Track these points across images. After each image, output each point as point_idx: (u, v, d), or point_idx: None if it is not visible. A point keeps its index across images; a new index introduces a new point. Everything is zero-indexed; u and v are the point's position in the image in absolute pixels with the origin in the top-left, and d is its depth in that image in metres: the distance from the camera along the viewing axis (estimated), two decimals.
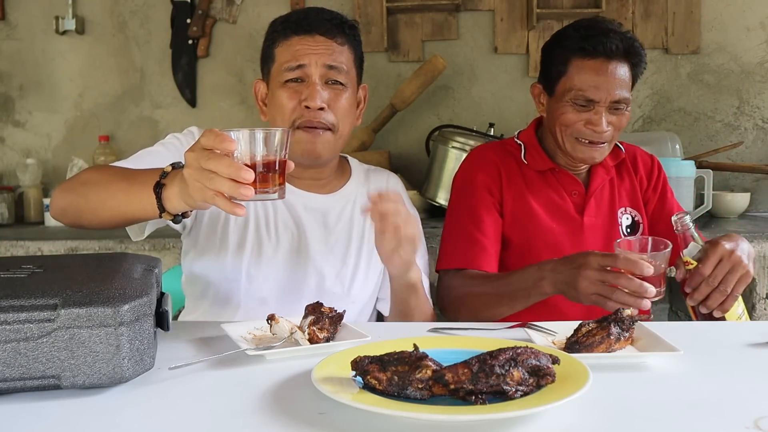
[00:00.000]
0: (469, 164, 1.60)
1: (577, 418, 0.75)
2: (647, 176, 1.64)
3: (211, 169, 0.88)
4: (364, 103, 1.48)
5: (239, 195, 0.88)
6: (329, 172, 1.45)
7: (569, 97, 1.45)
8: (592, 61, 1.43)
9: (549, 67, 1.51)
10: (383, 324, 1.26)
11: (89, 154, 2.82)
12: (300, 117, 1.33)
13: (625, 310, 1.00)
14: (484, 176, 1.55)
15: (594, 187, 1.57)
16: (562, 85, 1.47)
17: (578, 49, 1.44)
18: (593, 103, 1.44)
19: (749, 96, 2.72)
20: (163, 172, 1.01)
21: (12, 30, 2.90)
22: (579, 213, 1.55)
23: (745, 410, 0.77)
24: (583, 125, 1.45)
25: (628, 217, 1.59)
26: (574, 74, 1.45)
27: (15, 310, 0.81)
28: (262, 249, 1.36)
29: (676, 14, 2.70)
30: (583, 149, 1.48)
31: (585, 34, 1.44)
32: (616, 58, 1.43)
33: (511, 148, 1.61)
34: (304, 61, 1.33)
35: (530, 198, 1.55)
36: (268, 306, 1.34)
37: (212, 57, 2.85)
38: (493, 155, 1.59)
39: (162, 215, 1.02)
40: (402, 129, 2.79)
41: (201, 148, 0.90)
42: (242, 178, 0.87)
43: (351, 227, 1.43)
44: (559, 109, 1.48)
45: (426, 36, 2.78)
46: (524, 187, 1.56)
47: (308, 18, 1.37)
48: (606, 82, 1.43)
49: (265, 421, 0.76)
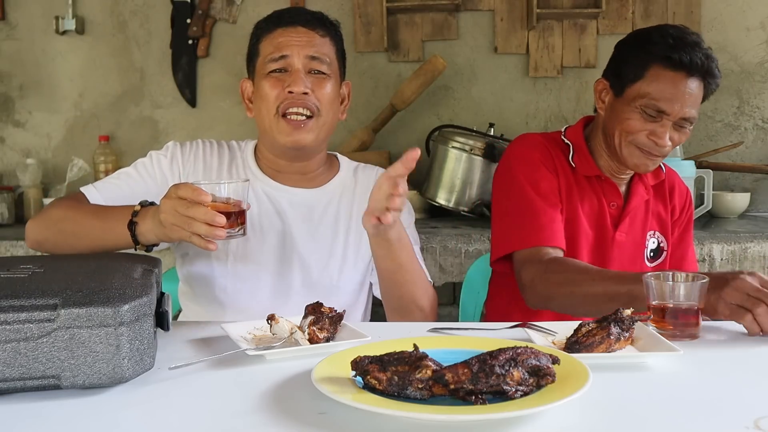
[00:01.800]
0: (524, 146, 1.52)
1: (577, 418, 0.75)
2: (680, 208, 1.60)
3: (189, 216, 1.07)
4: (348, 100, 1.50)
5: (214, 236, 1.08)
6: (316, 165, 1.46)
7: (640, 104, 1.40)
8: (672, 73, 1.38)
9: (624, 67, 1.45)
10: (383, 324, 1.26)
11: (89, 154, 2.81)
12: (284, 102, 1.35)
13: (625, 310, 1.00)
14: (544, 158, 1.49)
15: (633, 204, 1.53)
16: (635, 89, 1.41)
17: (663, 57, 1.38)
18: (663, 115, 1.39)
19: (749, 96, 2.72)
20: (134, 211, 1.19)
21: (12, 30, 2.90)
22: (613, 226, 1.52)
23: (745, 410, 0.77)
24: (646, 135, 1.41)
25: (654, 241, 1.55)
26: (652, 81, 1.39)
27: (15, 310, 0.81)
28: (248, 246, 1.38)
29: (676, 14, 2.70)
30: (639, 156, 1.44)
31: (673, 43, 1.39)
32: (696, 74, 1.39)
33: (558, 145, 1.54)
34: (286, 51, 1.36)
35: (576, 198, 1.50)
36: (257, 302, 1.36)
37: (212, 57, 2.85)
38: (545, 143, 1.52)
39: (136, 248, 1.21)
40: (402, 129, 2.79)
41: (177, 197, 1.08)
42: (216, 223, 1.07)
43: (337, 220, 1.44)
44: (626, 113, 1.42)
45: (426, 36, 2.78)
46: (573, 184, 1.51)
47: (290, 12, 1.42)
48: (681, 96, 1.38)
49: (265, 421, 0.76)
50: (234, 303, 1.38)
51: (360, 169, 1.53)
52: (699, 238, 2.00)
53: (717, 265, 2.02)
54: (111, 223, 1.21)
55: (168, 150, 1.43)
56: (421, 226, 1.59)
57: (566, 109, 2.77)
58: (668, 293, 1.09)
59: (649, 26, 1.50)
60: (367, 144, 2.64)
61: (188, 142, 1.45)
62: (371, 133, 2.64)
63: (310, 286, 1.39)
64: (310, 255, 1.40)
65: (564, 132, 1.57)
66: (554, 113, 2.77)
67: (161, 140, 2.88)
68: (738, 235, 2.09)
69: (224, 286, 1.38)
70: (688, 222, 1.62)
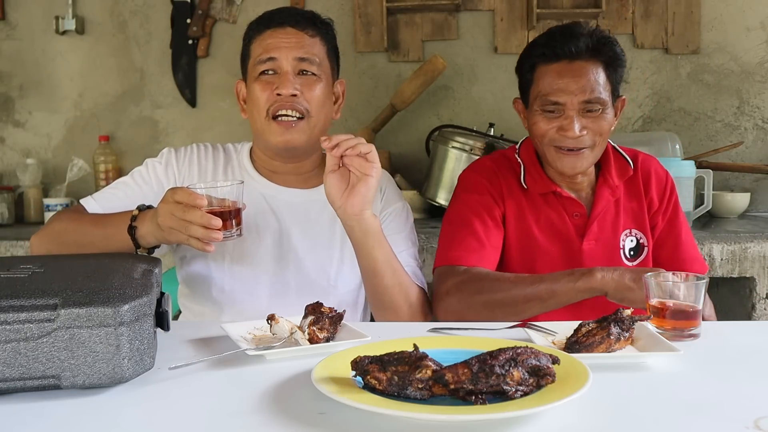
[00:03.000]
0: (473, 172, 1.55)
1: (577, 418, 0.75)
2: (659, 197, 1.55)
3: (186, 220, 1.10)
4: (342, 98, 1.49)
5: (210, 239, 1.11)
6: (310, 166, 1.46)
7: (538, 105, 1.42)
8: (554, 65, 1.40)
9: (521, 80, 1.50)
10: (383, 324, 1.26)
11: (89, 154, 2.82)
12: (273, 104, 1.35)
13: (625, 310, 1.00)
14: (488, 185, 1.51)
15: (597, 211, 1.50)
16: (532, 95, 1.45)
17: (540, 55, 1.42)
18: (560, 106, 1.40)
19: (749, 96, 2.72)
20: (133, 216, 1.22)
21: (12, 30, 2.90)
22: (579, 236, 1.49)
23: (745, 410, 0.77)
24: (555, 132, 1.41)
25: (632, 240, 1.53)
26: (539, 80, 1.42)
27: (15, 310, 0.81)
28: (244, 246, 1.38)
29: (676, 14, 2.70)
30: (563, 159, 1.43)
31: (546, 40, 1.42)
32: (582, 58, 1.39)
33: (512, 164, 1.55)
34: (275, 54, 1.36)
35: (530, 218, 1.50)
36: (254, 302, 1.37)
37: (212, 57, 2.85)
38: (495, 168, 1.54)
39: (138, 251, 1.23)
40: (402, 129, 2.79)
41: (174, 202, 1.11)
42: (212, 226, 1.10)
43: (334, 219, 1.43)
44: (533, 119, 1.45)
45: (426, 36, 2.78)
46: (525, 205, 1.50)
47: (280, 13, 1.42)
48: (571, 83, 1.38)
49: (265, 421, 0.76)
50: (231, 304, 1.39)
51: None
52: (699, 238, 2.00)
53: (717, 265, 2.02)
54: (111, 229, 1.25)
55: (163, 157, 1.44)
56: (421, 226, 1.59)
57: None
58: (668, 293, 1.09)
59: None
60: None
61: (183, 148, 1.46)
62: (371, 133, 2.64)
63: (307, 286, 1.39)
64: (307, 255, 1.40)
65: (518, 149, 1.57)
66: None
67: (161, 140, 2.88)
68: (738, 235, 2.09)
69: (221, 287, 1.39)
70: (674, 209, 1.56)
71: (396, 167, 2.67)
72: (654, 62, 2.73)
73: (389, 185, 1.53)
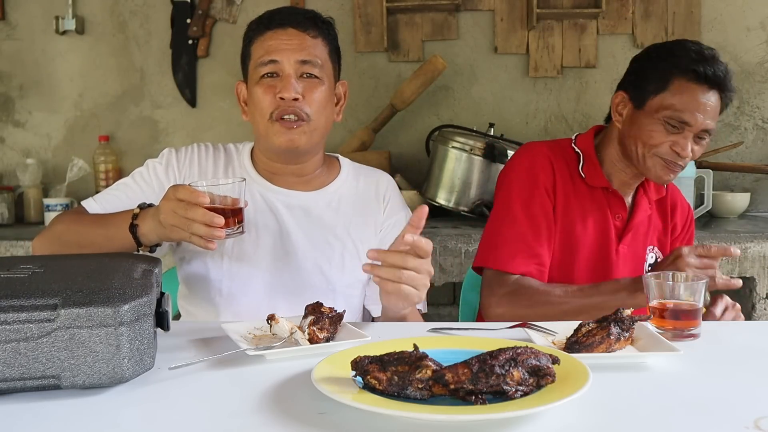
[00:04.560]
0: (528, 160, 1.53)
1: (577, 418, 0.75)
2: (682, 226, 1.62)
3: (188, 217, 1.10)
4: (344, 99, 1.48)
5: (213, 237, 1.11)
6: (312, 168, 1.46)
7: (663, 115, 1.41)
8: (696, 85, 1.40)
9: (645, 80, 1.46)
10: (383, 324, 1.26)
11: (89, 154, 2.82)
12: (276, 109, 1.34)
13: (625, 310, 1.00)
14: (545, 177, 1.50)
15: (637, 219, 1.54)
16: (657, 101, 1.42)
17: (687, 70, 1.40)
18: (686, 126, 1.40)
19: (749, 96, 2.72)
20: (134, 214, 1.22)
21: (12, 30, 2.90)
22: (617, 238, 1.52)
23: (745, 410, 0.77)
24: (669, 146, 1.42)
25: (652, 256, 1.56)
26: (675, 93, 1.41)
27: (15, 310, 0.81)
28: (243, 247, 1.38)
29: (676, 14, 2.70)
30: (663, 167, 1.44)
31: (696, 57, 1.41)
32: (716, 87, 1.41)
33: (567, 154, 1.54)
34: (276, 56, 1.35)
35: (575, 211, 1.50)
36: (252, 303, 1.36)
37: (212, 57, 2.85)
38: (551, 156, 1.52)
39: (139, 249, 1.24)
40: (402, 129, 2.79)
41: (176, 199, 1.11)
42: (214, 224, 1.09)
43: (335, 224, 1.43)
44: (649, 125, 1.43)
45: (426, 36, 2.78)
46: (573, 197, 1.51)
47: (281, 13, 1.39)
48: (704, 109, 1.40)
49: (265, 421, 0.76)
50: (229, 304, 1.38)
51: (363, 172, 1.52)
52: (699, 238, 2.00)
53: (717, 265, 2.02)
54: (112, 229, 1.25)
55: (163, 157, 1.44)
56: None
57: (566, 109, 2.77)
58: (668, 293, 1.09)
59: (667, 41, 1.53)
60: (367, 144, 2.64)
61: (183, 148, 1.46)
62: (371, 133, 2.65)
63: (305, 288, 1.38)
64: (306, 257, 1.40)
65: (574, 140, 1.57)
66: (554, 113, 2.77)
67: (161, 140, 2.88)
68: (738, 235, 2.09)
69: (220, 288, 1.38)
70: (689, 240, 1.64)
71: (396, 167, 2.67)
72: None
73: (393, 193, 1.51)
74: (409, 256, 1.07)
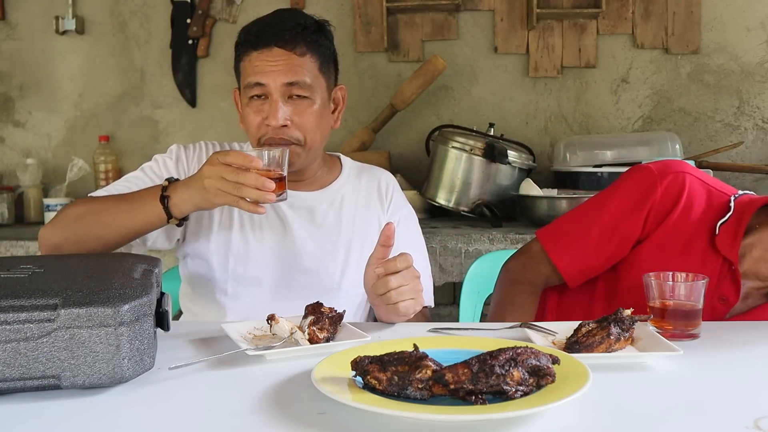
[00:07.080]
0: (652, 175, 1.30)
1: (577, 418, 0.75)
2: None
3: (240, 182, 1.12)
4: (342, 104, 1.45)
5: (264, 200, 1.13)
6: (313, 170, 1.45)
7: None
8: None
9: None
10: (383, 324, 1.26)
11: (89, 154, 2.82)
12: (264, 135, 1.33)
13: (625, 310, 1.00)
14: (654, 197, 1.27)
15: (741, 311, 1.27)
16: None
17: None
18: None
19: (749, 96, 2.72)
20: (164, 186, 1.21)
21: (12, 30, 2.90)
22: None
23: (745, 410, 0.77)
24: None
25: None
26: None
27: (15, 310, 0.81)
28: (248, 249, 1.38)
29: (676, 14, 2.70)
30: None
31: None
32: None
33: (714, 201, 1.28)
34: (262, 79, 1.31)
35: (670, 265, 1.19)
36: (258, 305, 1.36)
37: (212, 57, 2.85)
38: (692, 185, 1.28)
39: (169, 221, 1.22)
40: (402, 129, 2.79)
41: (222, 164, 1.13)
42: (266, 188, 1.12)
43: (339, 222, 1.43)
44: None
45: (426, 36, 2.78)
46: (673, 250, 1.26)
47: (266, 31, 1.33)
48: None
49: (265, 421, 0.76)
50: (234, 305, 1.38)
51: (365, 171, 1.52)
52: None
53: None
54: (138, 203, 1.23)
55: (173, 153, 1.43)
56: (422, 226, 1.58)
57: (566, 110, 2.77)
58: (668, 293, 1.09)
59: None
60: (367, 144, 2.64)
61: (191, 144, 1.45)
62: (371, 133, 2.65)
63: (310, 288, 1.38)
64: (311, 257, 1.40)
65: (737, 196, 1.29)
66: (554, 113, 2.77)
67: (161, 140, 2.88)
68: None
69: (225, 288, 1.38)
70: None
71: (396, 167, 2.67)
72: (654, 62, 2.73)
73: (395, 190, 1.51)
74: (389, 277, 1.08)
